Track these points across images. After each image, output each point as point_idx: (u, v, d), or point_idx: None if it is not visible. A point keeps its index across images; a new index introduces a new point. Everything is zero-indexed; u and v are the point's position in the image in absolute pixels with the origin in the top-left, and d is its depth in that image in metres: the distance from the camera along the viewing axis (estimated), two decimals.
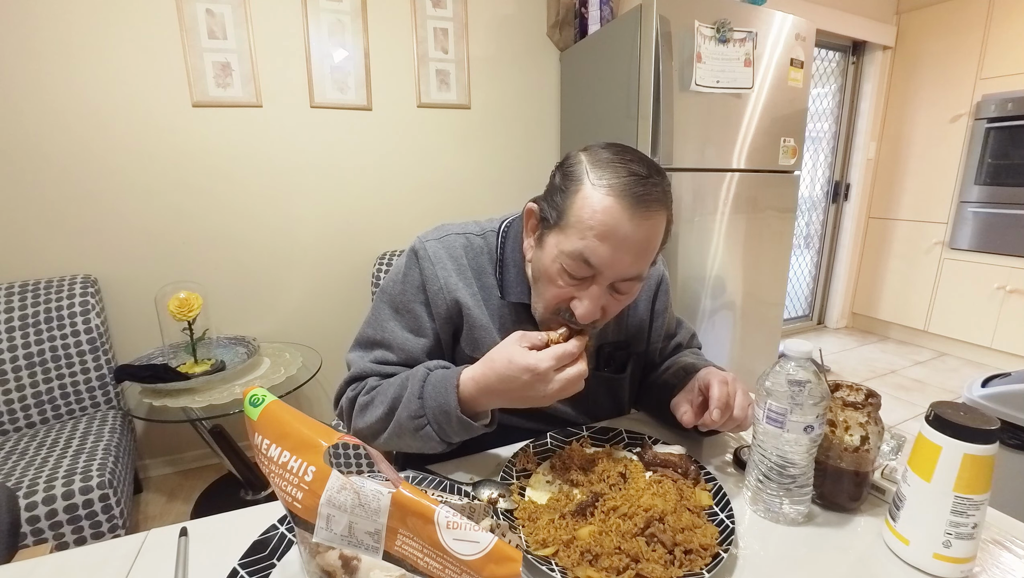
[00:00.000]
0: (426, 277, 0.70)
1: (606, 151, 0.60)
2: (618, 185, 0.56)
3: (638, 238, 0.57)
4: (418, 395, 0.62)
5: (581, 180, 0.59)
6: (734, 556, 0.51)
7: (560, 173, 0.63)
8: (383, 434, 0.66)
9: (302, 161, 1.88)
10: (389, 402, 0.64)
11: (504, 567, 0.32)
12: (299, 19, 1.78)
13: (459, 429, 0.61)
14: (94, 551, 0.52)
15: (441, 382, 0.61)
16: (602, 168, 0.58)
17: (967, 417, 0.46)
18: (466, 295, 0.70)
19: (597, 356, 0.77)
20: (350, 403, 0.70)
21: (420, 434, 0.62)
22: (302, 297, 1.98)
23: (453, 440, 0.63)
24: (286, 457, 0.36)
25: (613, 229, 0.56)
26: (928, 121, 2.89)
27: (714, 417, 0.61)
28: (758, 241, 2.00)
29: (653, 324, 0.82)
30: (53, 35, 1.51)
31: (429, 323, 0.71)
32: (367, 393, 0.68)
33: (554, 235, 0.61)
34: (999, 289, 2.62)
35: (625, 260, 0.58)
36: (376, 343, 0.72)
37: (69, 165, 1.59)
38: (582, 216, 0.57)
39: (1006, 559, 0.51)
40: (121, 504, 1.23)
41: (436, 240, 0.72)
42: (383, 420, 0.65)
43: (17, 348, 1.46)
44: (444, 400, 0.60)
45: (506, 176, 2.21)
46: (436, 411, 0.61)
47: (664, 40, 1.63)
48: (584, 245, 0.57)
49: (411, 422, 0.62)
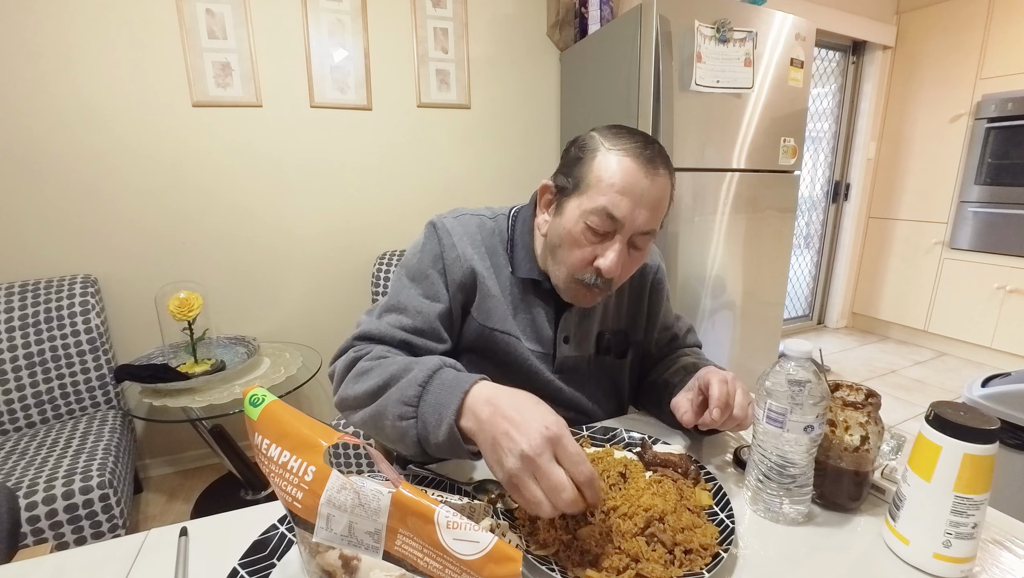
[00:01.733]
0: (444, 247, 0.73)
1: (613, 127, 0.68)
2: (631, 148, 0.64)
3: (652, 193, 0.63)
4: (419, 383, 0.56)
5: (597, 148, 0.65)
6: (734, 556, 0.51)
7: (575, 147, 0.69)
8: (362, 410, 0.61)
9: (302, 161, 1.88)
10: (386, 378, 0.59)
11: (504, 567, 0.32)
12: (299, 19, 1.78)
13: (445, 441, 0.52)
14: (94, 551, 0.52)
15: (453, 381, 0.55)
16: (614, 137, 0.65)
17: (967, 417, 0.46)
18: (481, 266, 0.74)
19: (598, 342, 0.80)
20: (349, 364, 0.65)
21: (400, 425, 0.56)
22: (302, 297, 1.98)
23: (430, 449, 0.55)
24: (286, 457, 0.36)
25: (632, 184, 0.62)
26: (928, 121, 2.89)
27: (714, 416, 0.61)
28: (758, 241, 2.00)
29: (650, 313, 0.85)
30: (53, 35, 1.51)
31: (444, 290, 0.73)
32: (370, 360, 0.63)
33: (575, 199, 0.66)
34: (999, 289, 2.62)
35: (643, 213, 0.63)
36: (390, 308, 0.72)
37: (69, 165, 1.59)
38: (602, 176, 0.63)
39: (1006, 559, 0.51)
40: (121, 504, 1.23)
41: (453, 218, 0.76)
42: (371, 395, 0.60)
43: (17, 348, 1.46)
44: (445, 399, 0.53)
45: (506, 176, 2.21)
46: (431, 407, 0.54)
47: (664, 40, 1.63)
48: (607, 200, 0.63)
49: (398, 408, 0.56)
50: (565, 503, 0.43)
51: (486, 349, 0.75)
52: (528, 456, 0.44)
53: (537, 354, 0.76)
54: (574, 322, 0.78)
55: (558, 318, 0.77)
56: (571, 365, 0.79)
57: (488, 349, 0.75)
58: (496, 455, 0.47)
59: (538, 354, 0.76)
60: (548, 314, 0.77)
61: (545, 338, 0.77)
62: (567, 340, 0.77)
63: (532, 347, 0.76)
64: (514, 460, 0.45)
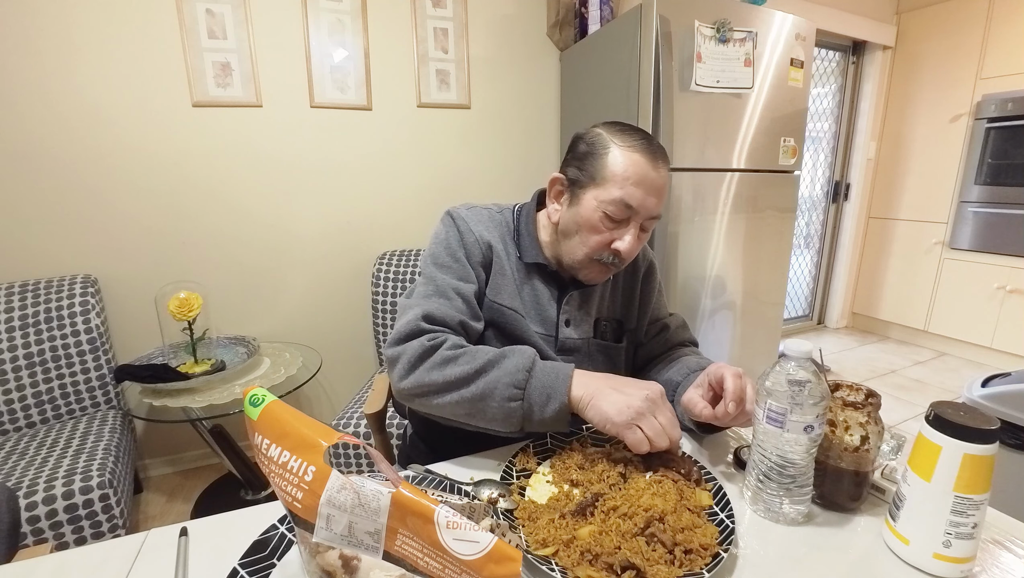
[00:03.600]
0: (462, 231, 0.80)
1: (615, 124, 0.76)
2: (639, 145, 0.72)
3: (660, 183, 0.73)
4: (526, 368, 0.66)
5: (608, 145, 0.73)
6: (734, 556, 0.51)
7: (584, 142, 0.76)
8: (456, 392, 0.66)
9: (302, 161, 1.88)
10: (482, 363, 0.67)
11: (504, 567, 0.32)
12: (299, 19, 1.78)
13: (552, 416, 0.64)
14: (94, 551, 0.52)
15: (553, 368, 0.67)
16: (622, 135, 0.74)
17: (967, 417, 0.46)
18: (497, 245, 0.81)
19: (595, 328, 0.86)
20: (425, 351, 0.68)
21: (507, 406, 0.65)
22: (302, 297, 1.98)
23: (532, 424, 0.66)
24: (286, 457, 0.37)
25: (643, 177, 0.71)
26: (928, 121, 2.89)
27: (729, 409, 0.63)
28: (758, 241, 2.00)
29: (642, 302, 0.90)
30: (54, 35, 1.51)
31: (471, 271, 0.79)
32: (451, 348, 0.68)
33: (591, 191, 0.74)
34: (999, 289, 2.62)
35: (653, 200, 0.73)
36: (434, 294, 0.76)
37: (69, 165, 1.59)
38: (617, 171, 0.72)
39: (1006, 559, 0.51)
40: (121, 504, 1.23)
41: (466, 209, 0.84)
42: (466, 380, 0.66)
43: (17, 348, 1.46)
44: (552, 382, 0.65)
45: (506, 176, 2.21)
46: (537, 390, 0.65)
47: (664, 40, 1.63)
48: (624, 192, 0.71)
49: (507, 390, 0.65)
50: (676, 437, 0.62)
51: (495, 324, 0.80)
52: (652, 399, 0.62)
53: (540, 335, 0.81)
54: (575, 306, 0.84)
55: (560, 302, 0.82)
56: (572, 346, 0.83)
57: (498, 324, 0.80)
58: (619, 405, 0.61)
59: (541, 335, 0.81)
60: (552, 297, 0.83)
61: (548, 320, 0.82)
62: (568, 323, 0.83)
63: (536, 328, 0.81)
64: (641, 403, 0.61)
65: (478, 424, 0.68)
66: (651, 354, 0.91)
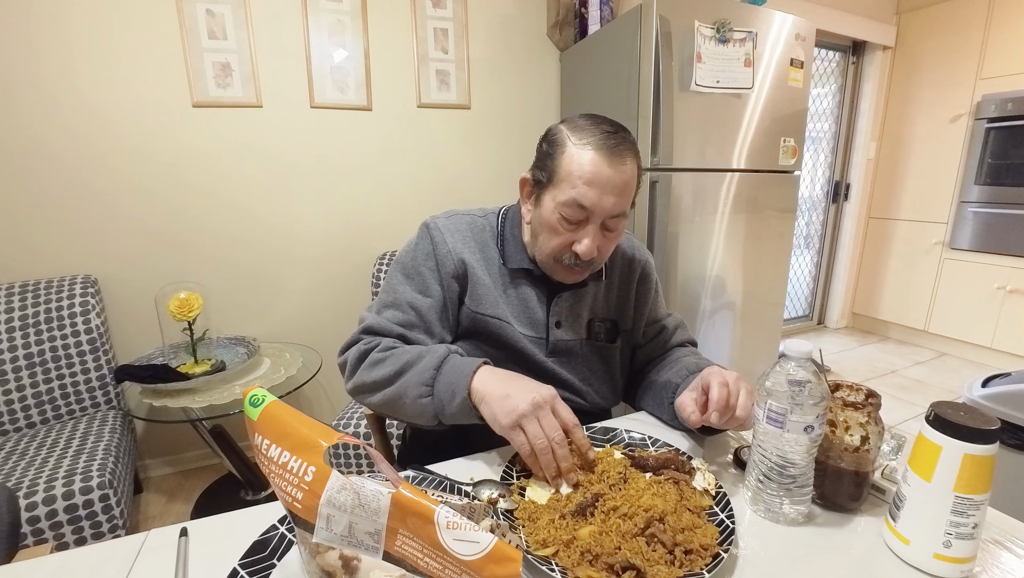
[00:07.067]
0: (436, 244, 0.80)
1: (581, 119, 0.73)
2: (594, 141, 0.69)
3: (617, 181, 0.69)
4: (434, 367, 0.68)
5: (564, 143, 0.71)
6: (734, 556, 0.51)
7: (545, 142, 0.75)
8: (382, 392, 0.71)
9: (302, 161, 1.88)
10: (401, 365, 0.70)
11: (504, 567, 0.32)
12: (299, 19, 1.78)
13: (457, 410, 0.65)
14: (94, 551, 0.52)
15: (461, 364, 0.67)
16: (580, 131, 0.71)
17: (967, 417, 0.46)
18: (471, 258, 0.80)
19: (589, 328, 0.85)
20: (361, 355, 0.74)
21: (419, 402, 0.67)
22: (302, 297, 1.98)
23: (445, 418, 0.67)
24: (286, 457, 0.36)
25: (597, 175, 0.68)
26: (928, 121, 2.89)
27: (712, 420, 0.62)
28: (758, 241, 1.99)
29: (637, 303, 0.89)
30: (54, 35, 1.51)
31: (436, 285, 0.79)
32: (382, 351, 0.73)
33: (549, 192, 0.73)
34: (999, 289, 2.62)
35: (610, 200, 0.70)
36: (388, 305, 0.79)
37: (69, 165, 1.59)
38: (571, 170, 0.69)
39: (1006, 559, 0.51)
40: (121, 504, 1.23)
41: (445, 218, 0.83)
42: (389, 380, 0.70)
43: (17, 348, 1.46)
44: (456, 379, 0.65)
45: (506, 176, 2.21)
46: (444, 387, 0.66)
47: (664, 40, 1.63)
48: (576, 192, 0.69)
49: (417, 389, 0.67)
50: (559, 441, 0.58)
51: (480, 334, 0.80)
52: (537, 402, 0.59)
53: (530, 338, 0.81)
54: (565, 307, 0.83)
55: (550, 304, 0.82)
56: (564, 348, 0.83)
57: (482, 334, 0.80)
58: (504, 407, 0.60)
59: (531, 338, 0.81)
60: (540, 300, 0.82)
61: (538, 322, 0.82)
62: (559, 325, 0.82)
63: (525, 332, 0.81)
64: (526, 406, 0.59)
65: (404, 419, 0.73)
66: (650, 355, 0.91)
